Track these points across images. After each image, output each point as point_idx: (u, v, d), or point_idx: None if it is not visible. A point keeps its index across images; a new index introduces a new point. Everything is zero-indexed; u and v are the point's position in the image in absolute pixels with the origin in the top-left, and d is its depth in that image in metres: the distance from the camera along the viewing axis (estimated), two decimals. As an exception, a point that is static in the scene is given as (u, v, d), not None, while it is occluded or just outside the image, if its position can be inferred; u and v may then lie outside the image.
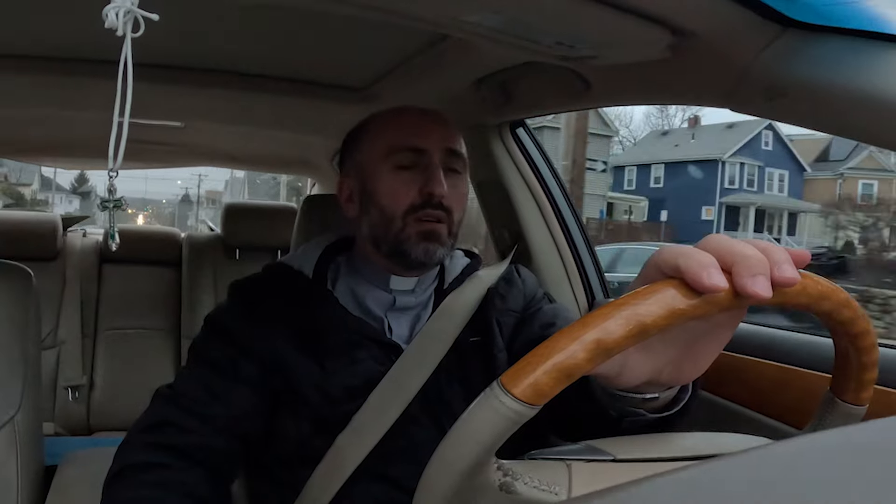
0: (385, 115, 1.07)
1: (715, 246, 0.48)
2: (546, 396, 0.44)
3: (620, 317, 0.44)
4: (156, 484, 0.88)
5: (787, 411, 1.07)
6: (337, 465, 0.94)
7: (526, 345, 1.02)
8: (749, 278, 0.45)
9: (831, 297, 0.49)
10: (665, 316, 0.44)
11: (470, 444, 0.46)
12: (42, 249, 2.54)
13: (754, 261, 0.46)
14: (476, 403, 0.46)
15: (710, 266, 0.45)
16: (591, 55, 1.03)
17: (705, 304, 0.45)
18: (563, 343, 0.44)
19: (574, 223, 1.68)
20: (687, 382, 0.65)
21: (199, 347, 1.03)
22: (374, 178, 1.02)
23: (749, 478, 0.31)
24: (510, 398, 0.44)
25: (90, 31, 1.19)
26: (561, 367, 0.43)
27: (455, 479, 0.46)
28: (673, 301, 0.45)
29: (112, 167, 0.57)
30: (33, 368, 1.13)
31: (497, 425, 0.45)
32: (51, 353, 2.47)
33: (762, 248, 0.48)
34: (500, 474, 0.51)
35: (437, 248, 1.00)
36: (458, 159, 1.03)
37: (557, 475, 0.53)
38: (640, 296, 0.45)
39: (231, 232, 2.73)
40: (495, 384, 0.45)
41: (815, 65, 0.80)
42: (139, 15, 0.54)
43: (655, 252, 0.50)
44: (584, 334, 0.44)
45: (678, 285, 0.46)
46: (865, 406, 0.58)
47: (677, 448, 0.59)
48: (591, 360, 0.44)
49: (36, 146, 2.50)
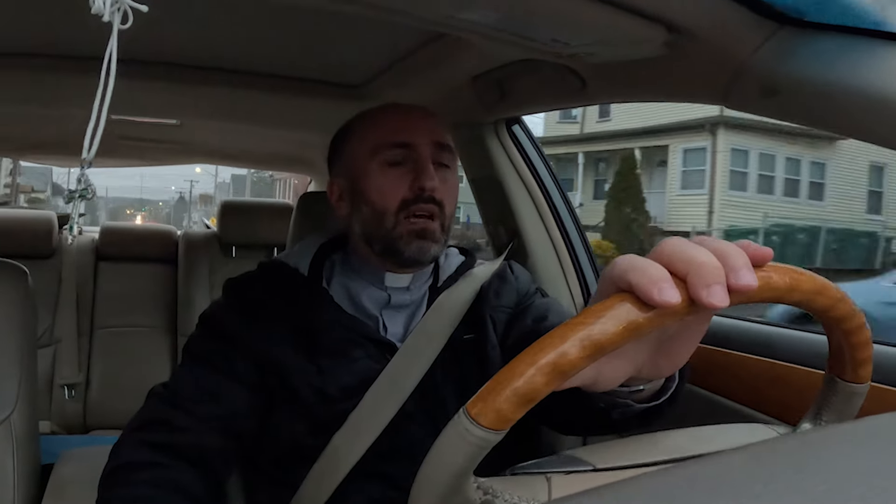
0: (370, 114, 1.06)
1: (668, 254, 0.46)
2: (509, 421, 0.44)
3: (576, 339, 0.44)
4: (151, 482, 0.88)
5: (780, 407, 1.08)
6: (333, 464, 0.94)
7: (519, 339, 1.02)
8: (704, 289, 0.43)
9: (800, 287, 0.48)
10: (620, 333, 0.44)
11: (444, 469, 0.47)
12: (38, 247, 2.54)
13: (708, 269, 0.44)
14: (445, 431, 0.46)
15: (660, 281, 0.44)
16: (586, 52, 1.03)
17: (661, 317, 0.44)
18: (521, 368, 0.44)
19: (570, 220, 1.68)
20: (666, 376, 0.65)
21: (195, 345, 1.03)
22: (364, 176, 1.02)
23: (728, 477, 0.31)
24: (475, 426, 0.44)
25: (80, 28, 1.19)
26: (520, 393, 0.44)
27: (436, 500, 0.47)
28: (627, 316, 0.44)
29: (86, 157, 0.56)
30: (29, 366, 1.13)
31: (466, 452, 0.45)
32: (47, 352, 2.47)
33: (720, 252, 0.46)
34: (480, 493, 0.51)
35: (431, 246, 1.00)
36: (446, 153, 1.03)
37: (537, 490, 0.53)
38: (594, 314, 0.44)
39: (227, 229, 2.72)
40: (461, 412, 0.45)
41: (811, 62, 0.81)
42: (127, 6, 0.53)
43: (610, 264, 0.49)
44: (541, 359, 0.44)
45: (632, 300, 0.44)
46: (867, 384, 0.57)
47: (658, 451, 0.59)
48: (549, 384, 0.44)
49: (26, 143, 2.50)
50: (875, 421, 0.36)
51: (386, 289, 1.04)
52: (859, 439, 0.35)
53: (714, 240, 0.48)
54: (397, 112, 1.05)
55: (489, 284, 1.09)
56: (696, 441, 0.61)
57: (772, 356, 1.12)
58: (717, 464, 0.33)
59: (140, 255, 2.74)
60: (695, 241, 0.47)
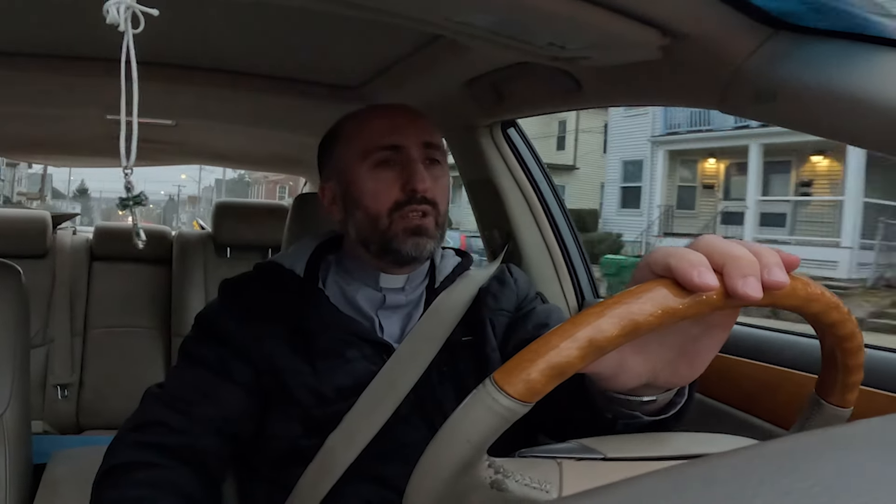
0: (357, 117, 1.06)
1: (706, 246, 0.48)
2: (539, 394, 0.44)
3: (613, 315, 0.44)
4: (146, 483, 0.88)
5: (774, 412, 1.08)
6: (328, 466, 0.94)
7: (519, 345, 1.02)
8: (740, 279, 0.45)
9: (820, 299, 0.50)
10: (657, 314, 0.45)
11: (461, 441, 0.46)
12: (32, 247, 2.53)
13: (745, 262, 0.46)
14: (468, 400, 0.46)
15: (699, 265, 0.46)
16: (582, 56, 1.03)
17: (697, 304, 0.46)
18: (556, 341, 0.44)
19: (564, 223, 1.68)
20: (684, 384, 0.66)
21: (190, 347, 1.02)
22: (355, 180, 1.02)
23: (738, 476, 0.32)
24: (503, 395, 0.44)
25: (84, 29, 1.19)
26: (554, 365, 0.44)
27: (446, 476, 0.47)
28: (665, 300, 0.45)
29: (126, 164, 0.56)
30: (22, 366, 1.12)
31: (489, 423, 0.45)
32: (40, 351, 2.46)
33: (754, 250, 0.48)
34: (491, 472, 0.51)
35: (427, 242, 1.00)
36: (436, 150, 1.03)
37: (548, 473, 0.53)
38: (633, 294, 0.45)
39: (222, 230, 2.71)
40: (488, 381, 0.45)
41: (806, 67, 0.81)
42: (138, 10, 0.53)
43: (649, 252, 0.50)
44: (577, 332, 0.44)
45: (670, 285, 0.46)
46: (850, 409, 0.58)
47: (668, 447, 0.59)
48: (584, 358, 0.44)
49: (28, 143, 2.49)
50: (865, 425, 0.37)
51: (381, 289, 1.04)
52: (850, 443, 0.35)
53: (748, 242, 0.50)
54: (384, 113, 1.05)
55: (488, 287, 1.09)
56: (699, 444, 0.61)
57: (765, 360, 1.13)
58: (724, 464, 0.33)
59: (134, 256, 2.73)
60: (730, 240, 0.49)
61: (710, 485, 0.31)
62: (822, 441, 0.36)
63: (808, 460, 0.33)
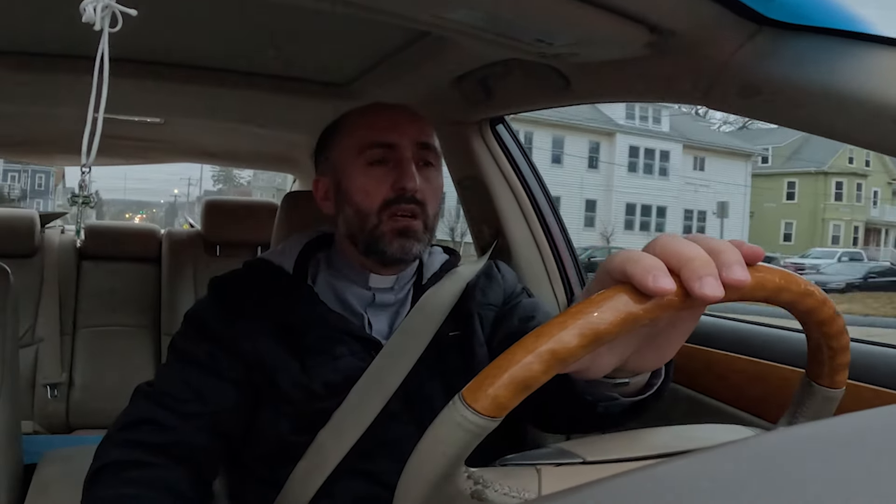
0: (357, 113, 1.07)
1: (661, 248, 0.47)
2: (506, 408, 0.45)
3: (574, 327, 0.44)
4: (136, 482, 0.88)
5: (760, 404, 1.09)
6: (318, 462, 0.94)
7: (506, 339, 1.03)
8: (696, 281, 0.45)
9: (790, 288, 0.50)
10: (618, 322, 0.45)
11: (437, 456, 0.47)
12: (20, 246, 2.51)
13: (699, 263, 0.45)
14: (440, 417, 0.47)
15: (654, 269, 0.45)
16: (570, 52, 1.04)
17: (658, 307, 0.45)
18: (519, 356, 0.44)
19: (553, 219, 1.69)
20: (652, 370, 0.66)
21: (179, 344, 1.02)
22: (348, 175, 1.02)
23: (720, 473, 0.32)
24: (471, 412, 0.45)
25: (66, 27, 1.18)
26: (518, 380, 0.44)
27: (426, 489, 0.47)
28: (625, 307, 0.45)
29: (85, 163, 0.56)
30: (11, 366, 1.12)
31: (461, 439, 0.45)
32: (29, 351, 2.44)
33: (712, 248, 0.47)
34: (470, 483, 0.51)
35: (413, 244, 1.00)
36: (430, 152, 1.04)
37: (527, 481, 0.54)
38: (593, 304, 0.45)
39: (211, 228, 2.70)
40: (457, 398, 0.46)
41: (790, 63, 0.82)
42: (117, 10, 0.53)
43: (606, 258, 0.50)
44: (539, 346, 0.44)
45: (629, 290, 0.45)
46: (842, 389, 0.58)
47: (648, 446, 0.60)
48: (547, 372, 0.44)
49: (9, 142, 2.47)
50: (852, 419, 0.37)
51: (370, 288, 1.05)
52: (836, 437, 0.36)
53: (707, 237, 0.49)
54: (383, 111, 1.05)
55: (475, 282, 1.09)
56: (680, 439, 0.62)
57: (752, 354, 1.14)
58: (704, 461, 0.34)
59: (123, 254, 2.71)
60: (688, 238, 0.49)
61: (692, 481, 0.31)
62: (808, 436, 0.37)
63: (793, 456, 0.33)
